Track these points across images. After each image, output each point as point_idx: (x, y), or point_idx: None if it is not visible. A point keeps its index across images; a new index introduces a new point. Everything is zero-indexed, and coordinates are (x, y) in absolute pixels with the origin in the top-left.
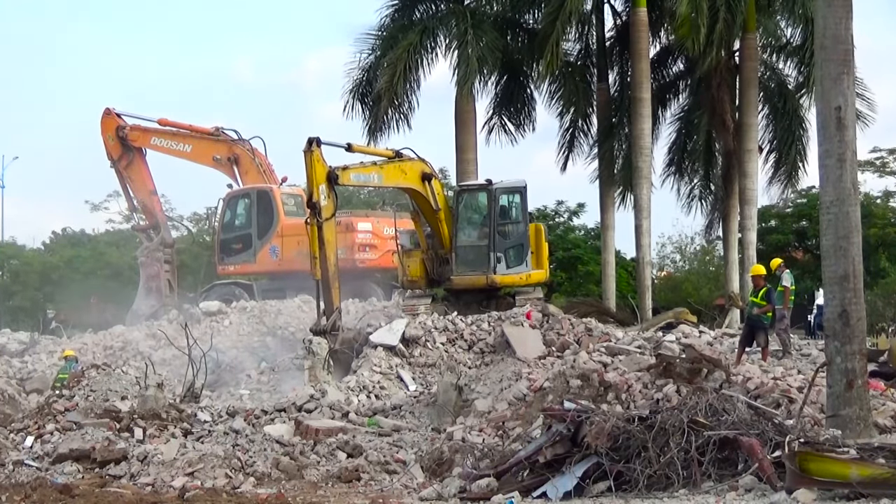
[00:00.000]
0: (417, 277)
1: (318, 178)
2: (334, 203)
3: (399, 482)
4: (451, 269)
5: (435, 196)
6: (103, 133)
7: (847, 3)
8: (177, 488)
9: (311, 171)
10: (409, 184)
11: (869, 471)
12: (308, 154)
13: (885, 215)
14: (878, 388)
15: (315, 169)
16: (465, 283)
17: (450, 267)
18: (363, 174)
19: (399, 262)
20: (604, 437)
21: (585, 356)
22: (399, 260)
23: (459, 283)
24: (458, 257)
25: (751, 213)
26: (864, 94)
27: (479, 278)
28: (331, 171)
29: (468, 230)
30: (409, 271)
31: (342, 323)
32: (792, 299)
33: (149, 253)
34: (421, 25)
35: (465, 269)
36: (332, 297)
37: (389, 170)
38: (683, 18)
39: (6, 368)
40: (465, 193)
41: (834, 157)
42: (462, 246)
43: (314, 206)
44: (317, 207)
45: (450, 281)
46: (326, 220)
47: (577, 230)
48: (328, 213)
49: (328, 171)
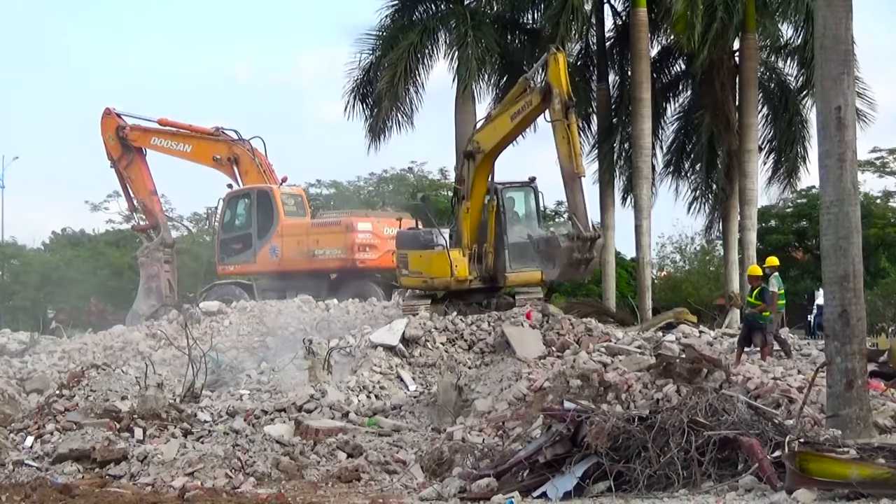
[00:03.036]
0: (465, 277)
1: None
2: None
3: (399, 482)
4: (502, 265)
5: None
6: (103, 133)
7: (847, 3)
8: (177, 488)
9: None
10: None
11: (869, 471)
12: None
13: (885, 215)
14: (878, 388)
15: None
16: (520, 280)
17: (500, 264)
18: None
19: (448, 260)
20: (604, 437)
21: (585, 356)
22: (449, 258)
23: (515, 280)
24: (510, 254)
25: (751, 213)
26: (864, 93)
27: (534, 274)
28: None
29: (518, 227)
30: (457, 271)
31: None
32: (781, 304)
33: (149, 253)
34: (421, 26)
35: (520, 265)
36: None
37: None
38: (679, 15)
39: (6, 368)
40: (510, 190)
41: (834, 157)
42: (515, 243)
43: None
44: None
45: (504, 278)
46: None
47: None
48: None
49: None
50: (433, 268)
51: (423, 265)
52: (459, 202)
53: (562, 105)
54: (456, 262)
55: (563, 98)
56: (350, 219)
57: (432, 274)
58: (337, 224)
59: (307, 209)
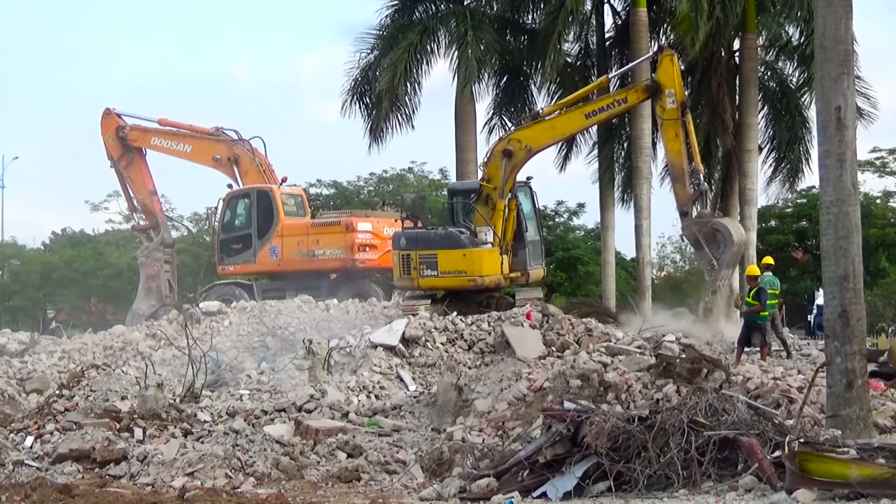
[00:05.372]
0: (509, 274)
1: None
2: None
3: (399, 482)
4: (522, 263)
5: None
6: (103, 133)
7: (847, 3)
8: (177, 488)
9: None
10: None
11: (869, 471)
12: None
13: (885, 215)
14: (878, 388)
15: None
16: (536, 277)
17: (519, 261)
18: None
19: (500, 258)
20: (604, 437)
21: (585, 356)
22: (500, 255)
23: (534, 276)
24: (530, 251)
25: (751, 213)
26: (866, 91)
27: (540, 271)
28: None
29: (531, 225)
30: (504, 268)
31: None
32: (773, 303)
33: (149, 253)
34: (421, 26)
35: (535, 262)
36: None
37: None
38: (683, 16)
39: (6, 368)
40: (520, 189)
41: (834, 157)
42: (532, 241)
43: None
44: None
45: (526, 275)
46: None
47: (577, 230)
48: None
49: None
50: (483, 266)
51: (469, 264)
52: (485, 202)
53: (677, 105)
54: (503, 260)
55: (680, 98)
56: (350, 219)
57: (482, 272)
58: (337, 224)
59: (307, 209)
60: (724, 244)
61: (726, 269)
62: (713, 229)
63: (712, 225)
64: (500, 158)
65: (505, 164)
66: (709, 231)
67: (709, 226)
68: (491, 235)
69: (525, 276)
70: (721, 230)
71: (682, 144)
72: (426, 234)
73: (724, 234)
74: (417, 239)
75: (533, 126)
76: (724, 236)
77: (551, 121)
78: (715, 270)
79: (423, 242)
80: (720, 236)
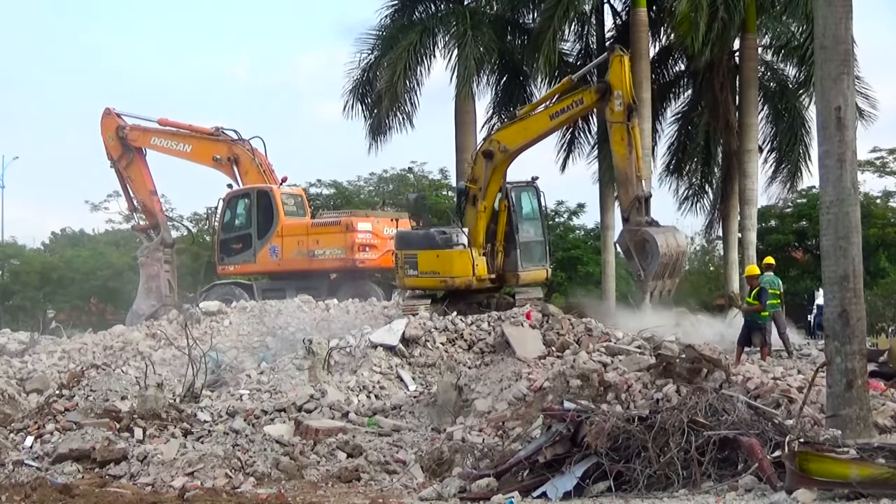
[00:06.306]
0: (486, 276)
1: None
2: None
3: (399, 482)
4: (513, 264)
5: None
6: (103, 133)
7: (847, 3)
8: (177, 488)
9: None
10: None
11: (869, 471)
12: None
13: (885, 215)
14: (878, 388)
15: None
16: (530, 278)
17: (510, 262)
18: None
19: (471, 259)
20: (604, 437)
21: (585, 356)
22: (472, 257)
23: (526, 277)
24: (521, 253)
25: (751, 213)
26: (866, 91)
27: (540, 272)
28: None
29: (526, 226)
30: (477, 270)
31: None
32: (774, 303)
33: (149, 253)
34: (421, 25)
35: (529, 264)
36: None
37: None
38: (683, 16)
39: (6, 368)
40: (516, 190)
41: (834, 157)
42: (525, 242)
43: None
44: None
45: (517, 276)
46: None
47: (577, 230)
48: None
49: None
50: (454, 267)
51: (441, 265)
52: (472, 202)
53: (624, 107)
54: (476, 262)
55: (627, 101)
56: (350, 219)
57: (453, 273)
58: (337, 224)
59: (307, 209)
60: (651, 255)
61: (656, 281)
62: (643, 239)
63: (642, 234)
64: (482, 159)
65: (486, 164)
66: (639, 241)
67: (639, 235)
68: (464, 237)
69: (515, 278)
70: (649, 241)
71: (627, 148)
72: (409, 235)
73: (651, 244)
74: (403, 239)
75: (510, 127)
76: (652, 247)
77: (525, 122)
78: (641, 282)
79: (407, 243)
80: (648, 247)
